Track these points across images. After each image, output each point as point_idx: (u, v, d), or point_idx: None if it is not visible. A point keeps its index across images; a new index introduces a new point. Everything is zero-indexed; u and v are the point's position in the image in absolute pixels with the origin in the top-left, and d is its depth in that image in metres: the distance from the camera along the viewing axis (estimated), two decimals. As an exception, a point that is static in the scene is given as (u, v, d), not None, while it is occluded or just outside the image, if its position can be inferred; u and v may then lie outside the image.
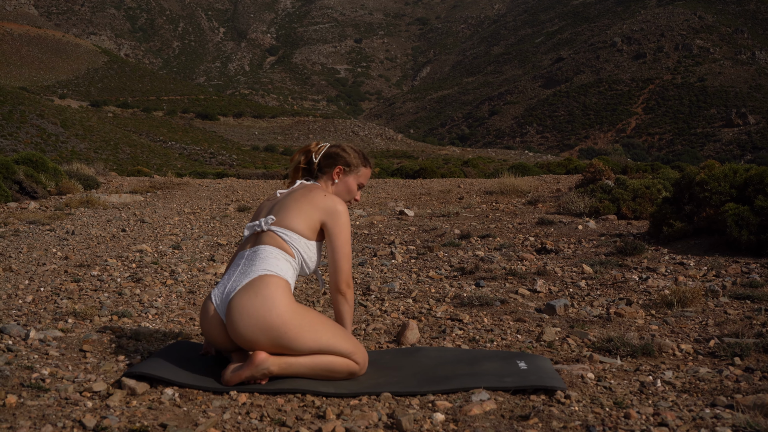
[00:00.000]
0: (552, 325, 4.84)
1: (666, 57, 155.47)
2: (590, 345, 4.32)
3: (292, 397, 3.40)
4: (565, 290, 6.05)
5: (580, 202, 11.85)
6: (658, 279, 6.31)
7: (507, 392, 3.42)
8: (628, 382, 3.62)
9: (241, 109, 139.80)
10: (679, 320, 4.90)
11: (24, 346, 4.03)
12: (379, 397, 3.37)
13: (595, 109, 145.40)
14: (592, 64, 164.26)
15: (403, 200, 15.77)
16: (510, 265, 7.32)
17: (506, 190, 16.10)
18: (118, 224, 10.88)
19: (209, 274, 6.83)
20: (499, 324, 4.92)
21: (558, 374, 3.61)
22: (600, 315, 5.10)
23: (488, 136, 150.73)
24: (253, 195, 17.40)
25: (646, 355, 4.07)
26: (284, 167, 42.56)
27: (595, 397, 3.37)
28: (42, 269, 6.77)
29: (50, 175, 16.43)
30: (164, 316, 5.10)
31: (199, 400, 3.31)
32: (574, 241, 8.93)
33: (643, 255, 7.66)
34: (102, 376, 3.56)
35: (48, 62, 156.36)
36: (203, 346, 3.92)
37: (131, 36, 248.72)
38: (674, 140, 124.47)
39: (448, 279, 6.72)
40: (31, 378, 3.43)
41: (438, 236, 9.85)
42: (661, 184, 12.01)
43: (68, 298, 5.46)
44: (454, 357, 3.93)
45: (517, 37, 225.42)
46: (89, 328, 4.58)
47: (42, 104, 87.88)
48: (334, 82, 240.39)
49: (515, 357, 3.87)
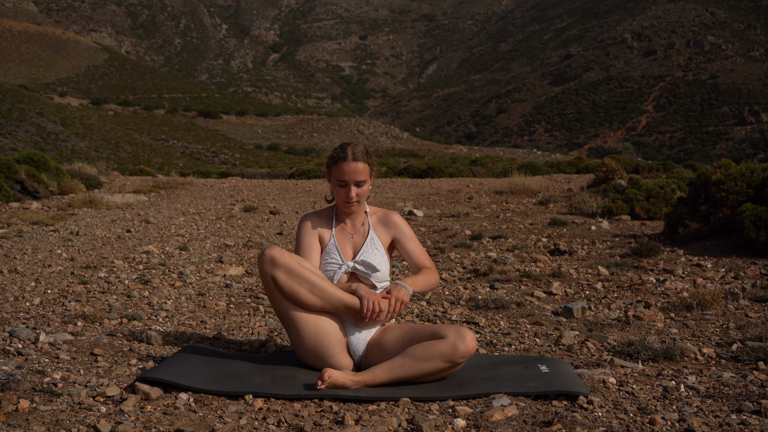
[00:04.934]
0: (570, 328, 4.84)
1: (677, 53, 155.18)
2: (610, 349, 4.32)
3: (308, 402, 3.40)
4: (581, 292, 6.04)
5: (592, 202, 11.84)
6: (675, 281, 6.30)
7: (528, 397, 3.42)
8: (651, 387, 3.61)
9: (243, 107, 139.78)
10: (699, 323, 4.89)
11: (34, 349, 4.04)
12: (398, 403, 3.37)
13: (605, 106, 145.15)
14: (601, 61, 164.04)
15: (412, 200, 15.77)
16: (524, 266, 7.32)
17: (516, 189, 16.09)
18: (122, 225, 10.89)
19: (218, 276, 6.83)
20: (516, 327, 4.92)
21: (580, 379, 3.61)
22: (618, 318, 5.09)
23: (496, 135, 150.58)
24: (258, 195, 17.40)
25: (668, 360, 4.06)
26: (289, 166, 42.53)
27: (618, 402, 3.37)
28: (48, 271, 6.78)
29: (52, 175, 16.46)
30: (175, 318, 5.10)
31: (214, 405, 3.32)
32: (587, 242, 8.93)
33: (659, 256, 7.64)
34: (115, 381, 3.57)
35: (48, 59, 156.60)
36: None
37: (132, 33, 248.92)
38: (686, 138, 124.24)
39: (461, 281, 6.72)
40: (42, 382, 3.44)
41: (449, 237, 9.84)
42: (676, 183, 11.99)
43: (76, 300, 5.47)
44: (472, 361, 3.93)
45: (525, 34, 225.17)
46: (99, 332, 4.58)
47: (42, 102, 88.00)
48: (338, 79, 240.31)
49: (536, 361, 3.87)
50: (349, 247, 4.03)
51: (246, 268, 7.33)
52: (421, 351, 3.58)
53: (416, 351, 3.59)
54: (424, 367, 3.56)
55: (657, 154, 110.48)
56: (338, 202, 4.01)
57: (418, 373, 3.57)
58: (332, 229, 4.06)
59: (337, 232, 4.06)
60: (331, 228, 4.06)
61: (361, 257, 3.96)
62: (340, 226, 4.08)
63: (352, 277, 3.97)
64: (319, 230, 4.05)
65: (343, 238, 4.05)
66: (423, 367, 3.56)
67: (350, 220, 4.09)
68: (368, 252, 3.99)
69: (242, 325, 5.03)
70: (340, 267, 3.94)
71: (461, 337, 3.55)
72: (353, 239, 4.05)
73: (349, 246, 4.03)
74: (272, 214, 13.17)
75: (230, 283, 6.43)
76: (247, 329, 4.91)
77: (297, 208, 14.44)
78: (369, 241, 4.03)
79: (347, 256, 4.00)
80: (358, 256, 3.98)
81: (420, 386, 3.56)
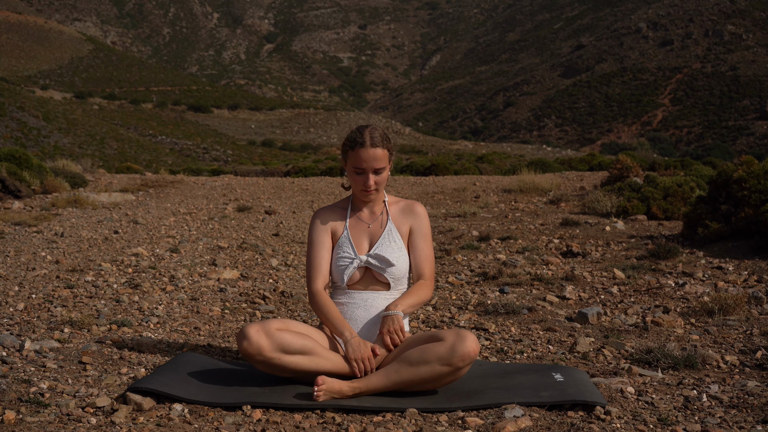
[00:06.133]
0: (585, 334, 4.84)
1: (695, 44, 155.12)
2: (628, 356, 4.33)
3: (310, 413, 3.41)
4: (596, 297, 6.05)
5: (606, 202, 11.85)
6: (695, 285, 6.31)
7: (542, 408, 3.42)
8: (671, 397, 3.61)
9: (236, 100, 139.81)
10: (721, 329, 4.90)
11: (19, 357, 4.04)
12: (405, 413, 3.38)
13: (619, 100, 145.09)
14: (615, 52, 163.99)
15: (415, 199, 15.77)
16: (535, 269, 7.33)
17: (526, 188, 16.10)
18: (109, 225, 10.90)
19: (212, 280, 6.84)
20: (527, 334, 4.92)
21: (597, 388, 3.62)
22: (636, 324, 5.10)
23: (503, 130, 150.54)
24: (252, 193, 17.42)
25: (688, 368, 4.07)
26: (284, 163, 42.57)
27: (637, 413, 3.37)
28: (32, 274, 6.79)
29: (35, 173, 16.46)
30: (167, 325, 5.11)
31: (210, 416, 3.32)
32: (601, 243, 8.94)
33: (678, 259, 7.65)
34: (105, 391, 3.58)
35: (29, 51, 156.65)
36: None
37: (118, 22, 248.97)
38: (704, 134, 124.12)
39: (469, 285, 6.73)
40: (29, 392, 3.45)
41: (455, 238, 9.86)
42: (694, 181, 12.00)
43: (62, 305, 5.48)
44: (483, 370, 3.94)
45: (534, 23, 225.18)
46: (87, 339, 4.59)
47: (22, 96, 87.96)
48: (336, 71, 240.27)
49: (549, 369, 3.88)
50: (364, 239, 4.01)
51: (241, 271, 7.33)
52: (417, 354, 3.55)
53: (412, 355, 3.56)
54: (421, 371, 3.53)
55: (674, 150, 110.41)
56: (355, 190, 4.00)
57: (416, 378, 3.54)
58: (346, 220, 4.04)
59: (351, 224, 4.05)
60: (345, 220, 4.05)
61: (376, 250, 3.95)
62: (356, 216, 4.07)
63: (366, 272, 3.96)
64: (331, 225, 4.04)
65: (358, 229, 4.03)
66: (420, 372, 3.53)
67: (367, 208, 4.07)
68: (384, 245, 3.97)
69: (238, 331, 5.04)
70: (352, 261, 3.93)
71: (460, 338, 3.52)
72: (370, 229, 4.03)
73: (365, 237, 4.02)
74: (267, 214, 13.18)
75: (225, 287, 6.44)
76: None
77: (293, 207, 14.46)
78: (386, 233, 4.01)
79: (362, 249, 3.98)
80: (373, 249, 3.97)
81: (427, 397, 3.56)
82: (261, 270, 7.57)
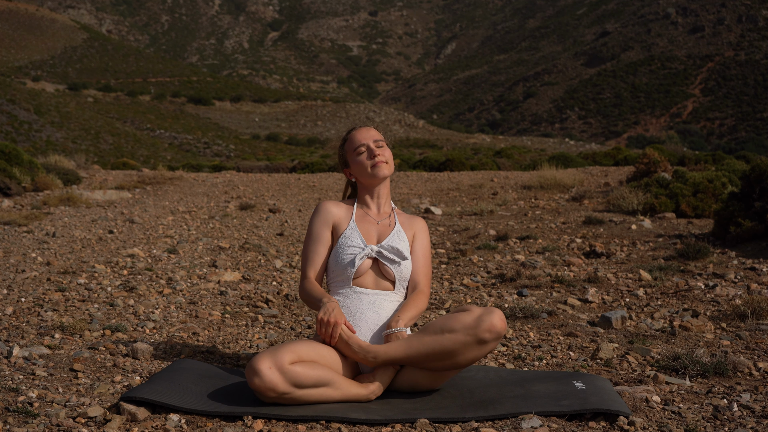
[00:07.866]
0: (608, 340, 4.83)
1: (727, 30, 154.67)
2: (654, 363, 4.31)
3: (314, 424, 3.41)
4: (620, 300, 6.04)
5: (632, 198, 11.82)
6: (727, 287, 6.29)
7: (561, 418, 3.41)
8: (699, 406, 3.60)
9: (239, 92, 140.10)
10: (754, 334, 4.88)
11: (7, 364, 4.05)
12: (415, 425, 3.37)
13: (646, 90, 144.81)
14: (642, 39, 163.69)
15: (429, 196, 15.78)
16: (555, 270, 7.31)
17: (546, 184, 16.08)
18: (104, 225, 10.93)
19: (211, 282, 6.85)
20: (547, 339, 4.92)
21: (620, 397, 3.61)
22: (663, 328, 5.08)
23: (523, 123, 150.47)
24: (256, 190, 17.45)
25: (718, 375, 4.06)
26: (289, 158, 42.65)
27: (663, 423, 3.36)
28: (21, 277, 6.81)
29: (25, 169, 16.53)
30: (163, 330, 5.12)
31: (209, 427, 3.32)
32: (627, 242, 8.92)
33: (708, 259, 7.63)
34: (97, 400, 3.58)
35: (20, 40, 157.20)
36: None
37: (114, 9, 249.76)
38: (737, 126, 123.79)
39: (485, 287, 6.73)
40: (17, 401, 3.45)
41: (471, 238, 9.85)
42: (726, 177, 11.96)
43: (53, 309, 5.49)
44: (499, 378, 3.93)
45: (555, 9, 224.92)
46: (79, 345, 4.60)
47: (13, 88, 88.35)
48: (345, 60, 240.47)
49: (569, 377, 3.87)
50: (373, 233, 4.04)
51: (243, 274, 7.34)
52: (442, 322, 3.62)
53: (437, 323, 3.63)
54: (444, 341, 3.56)
55: (705, 143, 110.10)
56: (363, 175, 4.05)
57: (438, 349, 3.56)
58: (353, 214, 4.07)
59: (358, 218, 4.07)
60: (351, 214, 4.08)
61: (388, 243, 3.98)
62: (363, 210, 4.10)
63: (374, 265, 3.97)
64: (335, 218, 4.06)
65: (366, 223, 4.06)
66: (443, 342, 3.56)
67: (375, 205, 4.11)
68: (395, 240, 4.01)
69: (239, 337, 5.05)
70: (363, 250, 3.94)
71: (488, 310, 3.59)
72: (378, 225, 4.07)
73: (374, 232, 4.05)
74: (272, 212, 13.20)
75: (225, 291, 6.45)
76: (245, 342, 4.92)
77: (299, 205, 14.47)
78: (396, 231, 4.05)
79: (371, 242, 4.01)
80: (385, 241, 4.00)
81: (440, 407, 3.55)
82: (264, 272, 7.58)
